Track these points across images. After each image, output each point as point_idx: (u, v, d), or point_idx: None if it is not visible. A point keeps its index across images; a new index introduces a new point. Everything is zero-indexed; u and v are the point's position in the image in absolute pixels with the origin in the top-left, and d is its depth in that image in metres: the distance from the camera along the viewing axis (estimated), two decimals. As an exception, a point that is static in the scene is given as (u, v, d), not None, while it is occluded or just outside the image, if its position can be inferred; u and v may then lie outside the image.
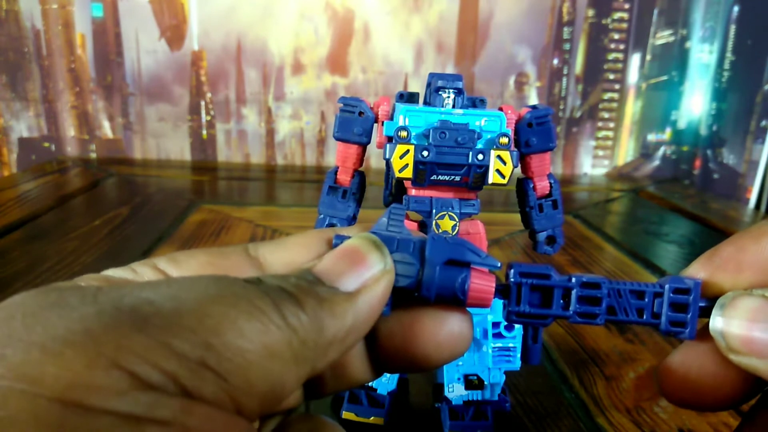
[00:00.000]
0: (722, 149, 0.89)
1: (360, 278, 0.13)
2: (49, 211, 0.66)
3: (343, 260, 0.14)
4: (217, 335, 0.11)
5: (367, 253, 0.14)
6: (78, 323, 0.10)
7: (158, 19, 0.89)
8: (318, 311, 0.12)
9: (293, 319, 0.12)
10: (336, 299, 0.13)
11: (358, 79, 0.93)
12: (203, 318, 0.11)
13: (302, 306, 0.12)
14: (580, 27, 0.94)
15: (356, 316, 0.13)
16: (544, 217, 0.31)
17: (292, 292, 0.12)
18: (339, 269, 0.13)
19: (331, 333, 0.12)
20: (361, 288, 0.13)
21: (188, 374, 0.10)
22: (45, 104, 0.91)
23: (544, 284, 0.16)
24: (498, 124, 0.28)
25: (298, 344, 0.12)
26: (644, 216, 0.77)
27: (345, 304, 0.13)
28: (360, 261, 0.14)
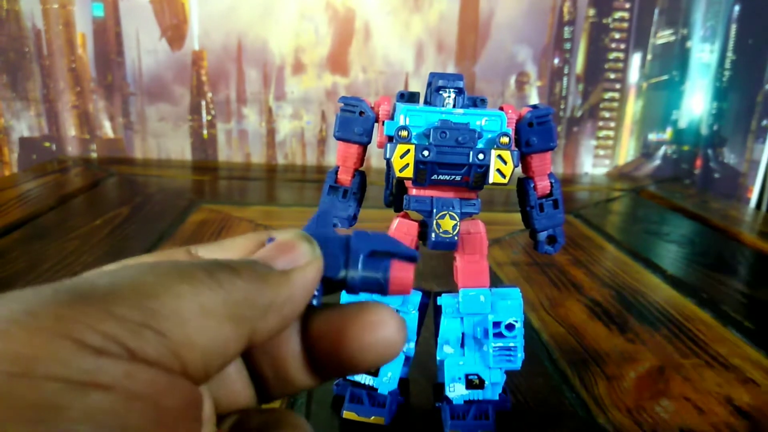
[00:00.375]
0: (723, 149, 0.89)
1: (291, 260, 0.15)
2: (50, 210, 0.66)
3: (277, 249, 0.15)
4: (154, 298, 0.11)
5: (297, 243, 0.15)
6: (20, 305, 0.11)
7: (159, 19, 0.89)
8: (254, 279, 0.13)
9: (228, 284, 0.13)
10: (271, 274, 0.14)
11: (359, 78, 0.93)
12: (140, 286, 0.12)
13: (239, 274, 0.13)
14: (580, 26, 0.94)
15: (291, 290, 0.14)
16: (544, 217, 0.31)
17: (229, 264, 0.13)
18: (273, 253, 0.15)
19: (267, 298, 0.14)
20: (293, 268, 0.15)
21: (130, 335, 0.11)
22: (46, 104, 0.91)
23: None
24: (499, 124, 0.28)
25: (233, 303, 0.13)
26: (645, 215, 0.77)
27: (280, 277, 0.14)
28: (292, 249, 0.15)
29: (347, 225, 0.31)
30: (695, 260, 0.59)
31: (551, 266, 0.55)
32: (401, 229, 0.30)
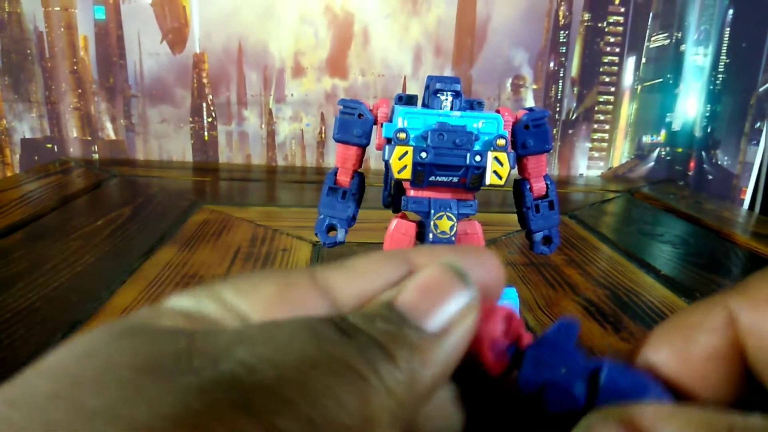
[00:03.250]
0: (716, 151, 0.90)
1: (445, 314, 0.12)
2: (52, 211, 0.66)
3: (426, 293, 0.12)
4: (319, 410, 0.10)
5: (451, 284, 0.13)
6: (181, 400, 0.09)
7: (160, 22, 0.90)
8: (410, 363, 0.11)
9: (390, 380, 0.11)
10: (425, 345, 0.12)
11: (358, 81, 0.94)
12: (305, 390, 0.10)
13: (395, 360, 0.11)
14: (576, 30, 0.95)
15: (445, 361, 0.12)
16: (540, 218, 0.32)
17: (382, 343, 0.11)
18: (422, 304, 0.12)
19: (422, 386, 0.12)
20: (447, 327, 0.12)
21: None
22: (48, 106, 0.92)
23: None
24: (495, 126, 0.29)
25: (396, 407, 0.11)
26: (639, 216, 0.78)
27: (435, 348, 0.12)
28: (444, 295, 0.13)
29: (346, 225, 0.32)
30: (689, 260, 0.60)
31: (547, 266, 0.55)
32: (399, 230, 0.31)
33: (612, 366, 0.13)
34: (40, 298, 0.43)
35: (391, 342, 0.11)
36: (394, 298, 0.12)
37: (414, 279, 0.13)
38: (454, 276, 0.13)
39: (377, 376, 0.11)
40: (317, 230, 0.32)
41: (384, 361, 0.11)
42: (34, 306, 0.42)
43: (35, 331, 0.38)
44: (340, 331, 0.11)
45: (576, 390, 0.13)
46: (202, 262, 0.52)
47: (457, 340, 0.12)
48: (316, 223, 0.32)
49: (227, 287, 0.13)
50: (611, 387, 0.13)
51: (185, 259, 0.53)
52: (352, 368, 0.11)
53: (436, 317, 0.12)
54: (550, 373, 0.13)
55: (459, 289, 0.13)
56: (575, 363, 0.13)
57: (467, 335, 0.13)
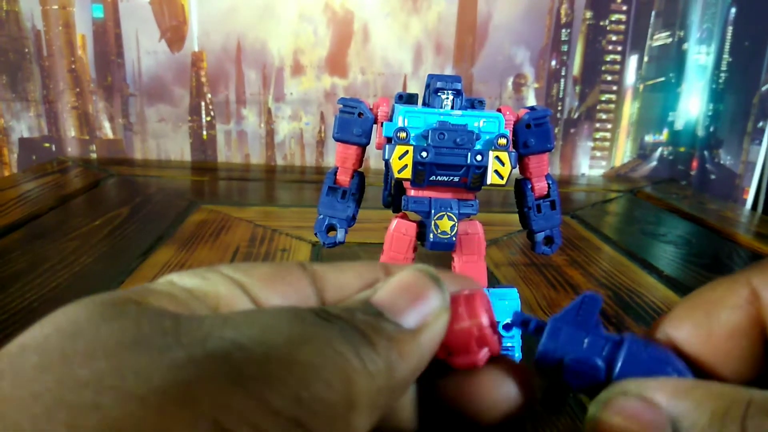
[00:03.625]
0: (719, 150, 0.90)
1: (420, 314, 0.13)
2: (50, 211, 0.66)
3: (402, 293, 0.13)
4: (306, 387, 0.10)
5: (425, 287, 0.13)
6: (172, 372, 0.10)
7: (158, 20, 0.89)
8: (389, 353, 0.12)
9: (371, 365, 0.11)
10: (402, 338, 0.12)
11: (358, 80, 0.93)
12: (292, 366, 0.10)
13: (375, 347, 0.12)
14: (577, 28, 0.94)
15: (420, 356, 0.13)
16: (542, 218, 0.32)
17: (363, 330, 0.12)
18: (399, 303, 0.13)
19: (400, 376, 0.12)
20: (421, 325, 0.13)
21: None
22: (45, 105, 0.91)
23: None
24: (496, 125, 0.28)
25: (375, 392, 0.11)
26: (641, 216, 0.78)
27: (411, 343, 0.12)
28: (419, 295, 0.13)
29: (346, 225, 0.31)
30: (691, 261, 0.59)
31: (548, 267, 0.55)
32: (399, 230, 0.30)
33: (633, 340, 0.13)
34: (38, 299, 0.43)
35: (371, 330, 0.12)
36: (372, 296, 0.13)
37: (391, 280, 0.14)
38: (428, 279, 0.14)
39: (359, 360, 0.11)
40: (317, 230, 0.31)
41: (365, 346, 0.11)
42: (32, 306, 0.42)
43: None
44: (322, 318, 0.12)
45: (597, 363, 0.13)
46: (200, 263, 0.52)
47: (430, 338, 0.13)
48: (316, 223, 0.31)
49: (227, 266, 0.14)
50: (632, 361, 0.13)
51: (183, 259, 0.53)
52: (336, 350, 0.11)
53: (410, 315, 0.13)
54: (572, 346, 0.13)
55: (433, 291, 0.13)
56: (596, 337, 0.13)
57: (439, 335, 0.13)
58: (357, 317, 0.12)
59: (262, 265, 0.14)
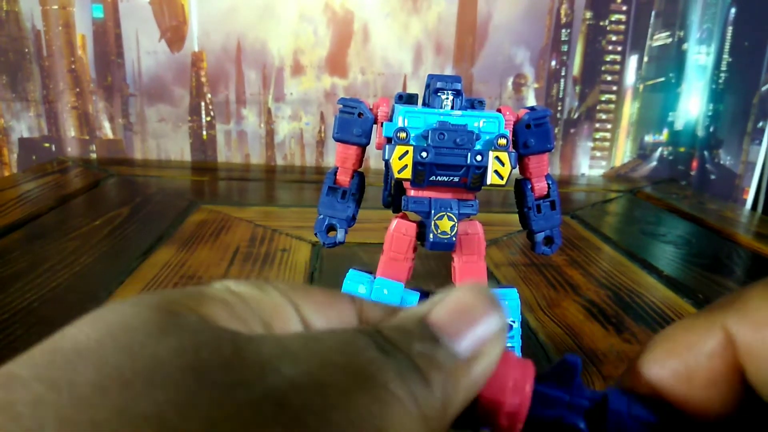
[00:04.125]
0: (719, 150, 0.90)
1: (476, 339, 0.12)
2: (50, 211, 0.66)
3: (460, 314, 0.13)
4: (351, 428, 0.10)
5: (483, 308, 0.13)
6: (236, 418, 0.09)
7: (158, 20, 0.89)
8: (444, 387, 0.12)
9: (426, 407, 0.11)
10: (457, 371, 0.12)
11: (358, 80, 0.93)
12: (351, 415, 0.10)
13: (430, 383, 0.11)
14: (577, 29, 0.94)
15: (473, 387, 0.12)
16: (542, 218, 0.32)
17: (419, 366, 0.11)
18: (456, 325, 0.12)
19: (452, 410, 0.12)
20: (477, 354, 0.12)
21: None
22: (45, 105, 0.91)
23: None
24: (496, 126, 0.28)
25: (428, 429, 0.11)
26: (641, 216, 0.78)
27: (465, 375, 0.12)
28: (476, 316, 0.13)
29: (346, 225, 0.31)
30: (691, 261, 0.59)
31: (548, 267, 0.55)
32: (399, 230, 0.30)
33: (617, 397, 0.13)
34: (38, 298, 0.43)
35: (427, 365, 0.11)
36: (427, 315, 0.13)
37: (448, 298, 0.13)
38: (487, 300, 0.13)
39: (414, 402, 0.11)
40: (317, 230, 0.31)
41: (421, 385, 0.11)
42: (32, 306, 0.42)
43: (33, 331, 0.38)
44: (380, 348, 0.11)
45: (581, 426, 0.13)
46: (200, 263, 0.52)
47: (485, 367, 0.12)
48: (316, 223, 0.31)
49: (283, 283, 0.14)
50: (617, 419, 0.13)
51: (183, 259, 0.53)
52: (392, 393, 0.11)
53: (465, 340, 0.12)
54: (556, 410, 0.13)
55: (490, 314, 0.13)
56: (580, 399, 0.13)
57: (494, 363, 0.13)
58: (414, 349, 0.12)
59: (316, 290, 0.14)
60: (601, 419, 0.13)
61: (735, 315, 0.14)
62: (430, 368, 0.11)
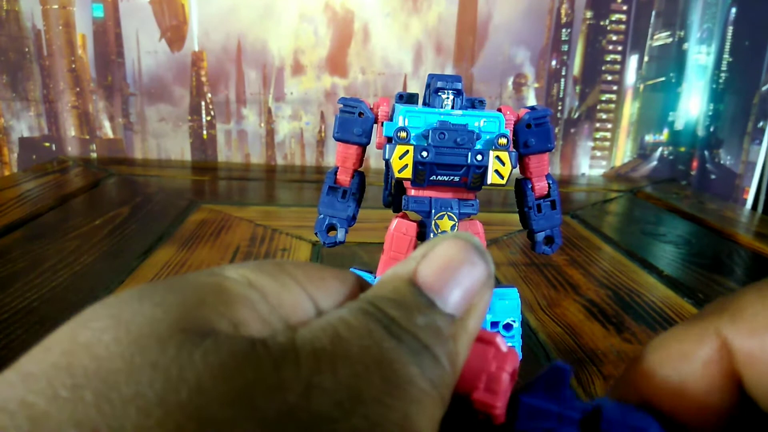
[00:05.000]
0: (719, 150, 0.90)
1: (466, 293, 0.13)
2: (50, 210, 0.66)
3: (446, 271, 0.13)
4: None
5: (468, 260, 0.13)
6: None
7: (159, 20, 0.89)
8: (449, 356, 0.12)
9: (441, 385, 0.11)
10: (456, 333, 0.12)
11: (358, 79, 0.93)
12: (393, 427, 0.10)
13: (438, 359, 0.12)
14: (578, 28, 0.94)
15: (469, 341, 0.13)
16: (542, 218, 0.32)
17: (427, 344, 0.12)
18: (443, 283, 0.13)
19: (458, 371, 0.12)
20: (470, 307, 0.13)
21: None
22: (46, 104, 0.91)
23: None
24: (497, 125, 0.28)
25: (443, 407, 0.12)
26: (641, 216, 0.78)
27: (463, 333, 0.12)
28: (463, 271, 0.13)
29: (346, 225, 0.31)
30: (691, 261, 0.59)
31: (548, 266, 0.55)
32: (400, 230, 0.30)
33: (610, 408, 0.13)
34: (38, 298, 0.43)
35: (433, 340, 0.12)
36: (416, 276, 0.13)
37: (433, 254, 0.13)
38: (470, 249, 0.13)
39: (433, 386, 0.11)
40: (317, 230, 0.31)
41: (433, 364, 0.11)
42: (32, 306, 0.42)
43: (33, 331, 0.38)
44: (390, 333, 0.11)
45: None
46: (200, 262, 0.52)
47: (479, 317, 0.13)
48: (316, 223, 0.31)
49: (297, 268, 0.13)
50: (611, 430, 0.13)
51: (184, 258, 0.53)
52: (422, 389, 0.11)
53: (457, 295, 0.12)
54: (547, 422, 0.13)
55: (475, 263, 0.13)
56: (570, 409, 0.13)
57: (485, 309, 0.13)
58: (418, 324, 0.12)
59: (329, 276, 0.14)
60: (595, 427, 0.13)
61: (730, 321, 0.13)
62: (436, 342, 0.12)
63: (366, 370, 0.11)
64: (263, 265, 0.13)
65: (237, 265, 0.13)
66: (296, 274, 0.13)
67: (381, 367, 0.11)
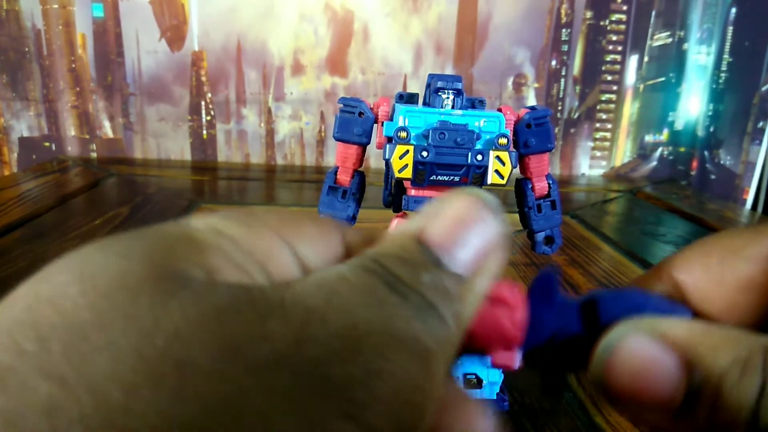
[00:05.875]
0: (719, 150, 0.90)
1: (476, 251, 0.12)
2: (50, 210, 0.66)
3: (455, 229, 0.12)
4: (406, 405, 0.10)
5: (479, 217, 0.12)
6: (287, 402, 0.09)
7: (159, 20, 0.89)
8: (455, 315, 0.11)
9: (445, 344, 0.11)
10: (464, 293, 0.12)
11: (358, 79, 0.93)
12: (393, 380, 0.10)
13: (444, 318, 0.11)
14: (578, 28, 0.94)
15: (476, 302, 0.12)
16: (542, 218, 0.32)
17: (432, 302, 0.11)
18: (452, 240, 0.12)
19: (463, 330, 0.12)
20: (479, 267, 0.12)
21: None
22: (45, 104, 0.91)
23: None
24: (497, 125, 0.28)
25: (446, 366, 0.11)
26: (641, 216, 0.78)
27: (470, 293, 0.12)
28: (473, 229, 0.12)
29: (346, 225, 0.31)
30: (691, 261, 0.59)
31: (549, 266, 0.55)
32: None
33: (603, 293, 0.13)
34: (36, 298, 0.43)
35: (439, 299, 0.11)
36: (423, 233, 0.12)
37: (442, 210, 0.12)
38: (482, 206, 0.12)
39: (438, 343, 0.11)
40: (316, 230, 0.31)
41: (438, 322, 0.11)
42: (31, 306, 0.42)
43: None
44: (393, 289, 0.11)
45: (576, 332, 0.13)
46: (200, 262, 0.52)
47: (488, 278, 0.12)
48: (315, 223, 0.31)
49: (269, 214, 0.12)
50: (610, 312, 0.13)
51: (183, 258, 0.53)
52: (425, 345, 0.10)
53: (466, 253, 0.12)
54: (549, 330, 0.13)
55: (487, 221, 0.12)
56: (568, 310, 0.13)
57: (496, 272, 0.12)
58: (423, 282, 0.11)
59: (306, 221, 0.13)
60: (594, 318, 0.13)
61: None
62: (442, 301, 0.11)
63: (366, 324, 0.10)
64: (232, 213, 0.12)
65: (203, 215, 0.12)
66: (268, 220, 0.12)
67: (383, 321, 0.10)
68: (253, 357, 0.09)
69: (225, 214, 0.12)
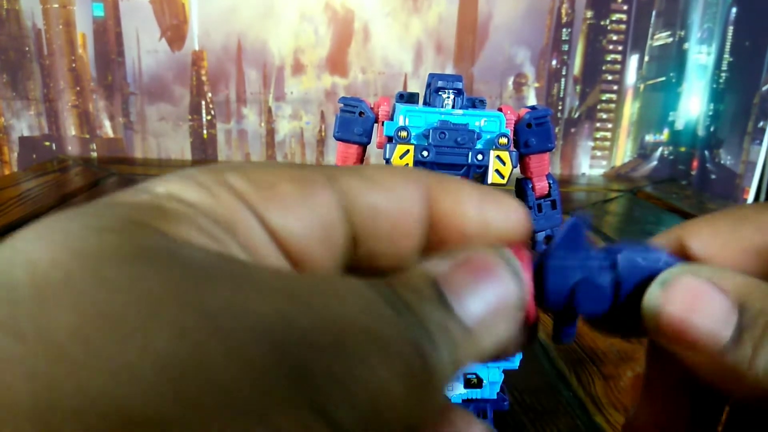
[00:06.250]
0: (719, 150, 0.90)
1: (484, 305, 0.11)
2: (50, 210, 0.66)
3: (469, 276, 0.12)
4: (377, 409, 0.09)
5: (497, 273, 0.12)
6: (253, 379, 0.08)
7: (159, 19, 0.89)
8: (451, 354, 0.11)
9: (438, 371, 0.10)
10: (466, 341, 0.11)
11: (358, 79, 0.93)
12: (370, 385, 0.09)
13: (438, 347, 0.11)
14: (578, 28, 0.94)
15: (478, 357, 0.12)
16: (542, 217, 0.32)
17: (429, 329, 0.11)
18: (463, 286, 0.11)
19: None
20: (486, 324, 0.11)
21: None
22: (46, 103, 0.91)
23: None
24: (497, 125, 0.28)
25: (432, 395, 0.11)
26: (642, 216, 0.78)
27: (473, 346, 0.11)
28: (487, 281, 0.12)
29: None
30: (691, 261, 0.59)
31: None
32: (400, 229, 0.30)
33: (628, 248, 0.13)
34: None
35: (437, 330, 0.11)
36: (439, 276, 0.12)
37: (462, 259, 0.12)
38: (503, 265, 0.12)
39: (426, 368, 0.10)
40: (316, 230, 0.31)
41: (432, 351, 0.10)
42: (31, 306, 0.42)
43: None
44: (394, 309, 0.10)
45: (603, 282, 0.13)
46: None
47: (494, 341, 0.12)
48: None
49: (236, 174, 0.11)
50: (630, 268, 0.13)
51: (184, 258, 0.53)
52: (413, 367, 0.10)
53: (474, 303, 0.11)
54: (575, 276, 0.13)
55: (504, 279, 0.12)
56: (594, 258, 0.13)
57: (509, 334, 0.12)
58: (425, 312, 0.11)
59: (282, 180, 0.12)
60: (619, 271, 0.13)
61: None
62: (440, 335, 0.11)
63: (353, 326, 0.10)
64: (195, 175, 0.11)
65: (165, 177, 0.11)
66: (233, 182, 0.11)
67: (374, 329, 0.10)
68: (226, 326, 0.08)
69: (185, 173, 0.11)
